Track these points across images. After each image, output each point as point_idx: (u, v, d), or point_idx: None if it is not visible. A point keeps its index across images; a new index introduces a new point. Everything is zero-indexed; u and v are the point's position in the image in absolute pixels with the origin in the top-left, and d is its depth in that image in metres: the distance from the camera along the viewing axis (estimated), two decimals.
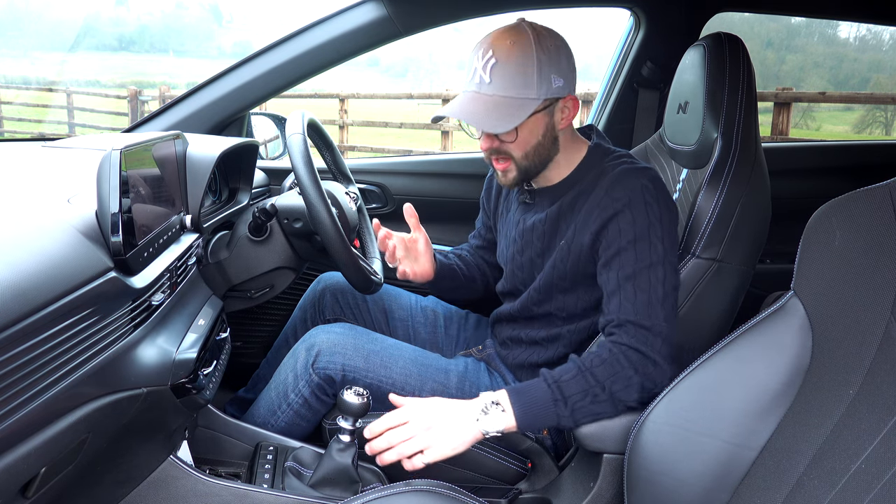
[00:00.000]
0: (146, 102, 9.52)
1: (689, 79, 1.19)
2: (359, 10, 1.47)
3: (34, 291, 0.62)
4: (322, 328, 1.23)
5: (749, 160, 1.12)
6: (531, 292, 1.19)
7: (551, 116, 1.07)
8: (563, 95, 1.06)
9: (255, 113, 1.67)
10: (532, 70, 1.02)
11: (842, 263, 0.75)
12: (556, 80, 1.04)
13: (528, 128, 1.05)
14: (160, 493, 1.00)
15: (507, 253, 1.26)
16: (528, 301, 1.20)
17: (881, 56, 15.73)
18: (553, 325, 1.19)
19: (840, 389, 0.72)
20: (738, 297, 1.14)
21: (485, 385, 1.23)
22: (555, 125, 1.08)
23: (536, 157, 1.09)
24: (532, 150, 1.08)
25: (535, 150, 1.08)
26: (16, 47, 18.71)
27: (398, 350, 1.22)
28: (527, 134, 1.06)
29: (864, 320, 0.72)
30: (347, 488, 1.06)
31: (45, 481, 0.68)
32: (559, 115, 1.08)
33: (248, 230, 1.25)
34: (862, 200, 0.74)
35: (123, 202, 0.77)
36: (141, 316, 0.83)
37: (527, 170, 1.10)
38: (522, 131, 1.05)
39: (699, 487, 0.83)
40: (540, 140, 1.07)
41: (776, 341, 0.79)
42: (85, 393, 0.72)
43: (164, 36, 27.59)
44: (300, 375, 1.18)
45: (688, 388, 0.86)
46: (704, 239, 1.10)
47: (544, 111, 1.06)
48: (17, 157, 1.11)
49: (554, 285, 1.15)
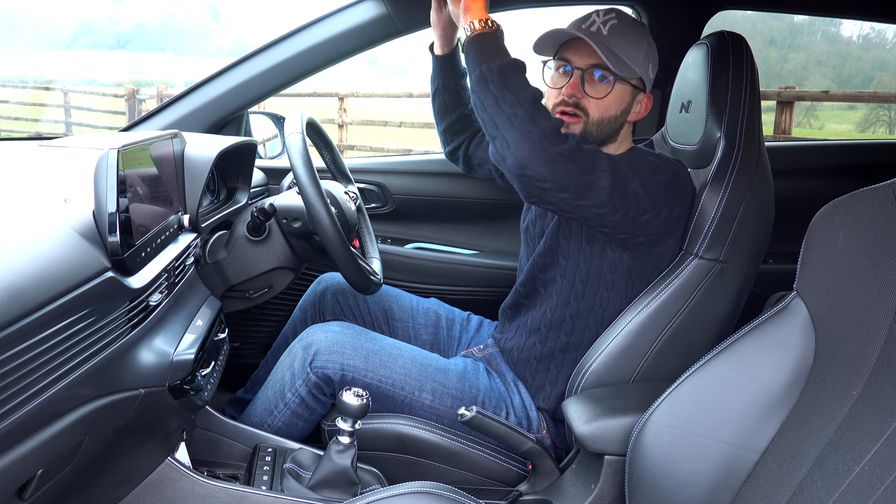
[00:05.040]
0: (144, 101, 9.50)
1: (692, 78, 1.19)
2: (358, 8, 1.47)
3: (31, 292, 0.61)
4: (319, 327, 1.22)
5: (752, 160, 1.11)
6: (535, 258, 1.23)
7: (632, 100, 1.15)
8: (646, 89, 1.16)
9: (254, 112, 1.67)
10: (643, 48, 1.12)
11: (845, 263, 0.74)
12: (652, 71, 1.16)
13: (616, 95, 1.12)
14: (158, 495, 0.99)
15: (524, 225, 1.32)
16: (534, 268, 1.24)
17: (885, 54, 15.75)
18: (555, 307, 1.20)
19: (843, 391, 0.72)
20: (741, 297, 1.13)
21: (484, 385, 1.23)
22: (629, 110, 1.16)
23: (604, 127, 1.14)
24: (607, 118, 1.13)
25: (608, 120, 1.13)
26: (12, 45, 18.68)
27: (397, 349, 1.22)
28: (612, 100, 1.12)
29: (868, 321, 0.71)
30: (346, 490, 1.05)
31: (42, 483, 0.67)
32: (636, 106, 1.16)
33: (247, 230, 1.24)
34: (866, 200, 0.74)
35: (121, 202, 0.77)
36: (138, 316, 0.83)
37: (591, 134, 1.14)
38: (611, 95, 1.12)
39: (701, 489, 0.82)
40: (616, 114, 1.14)
41: (779, 342, 0.79)
42: (82, 394, 0.71)
43: (161, 34, 27.57)
44: (297, 374, 1.18)
45: (690, 390, 0.85)
46: (707, 239, 1.09)
47: (632, 90, 1.14)
48: (14, 156, 1.10)
49: (558, 246, 1.19)
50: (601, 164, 1.03)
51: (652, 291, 1.12)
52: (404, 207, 1.75)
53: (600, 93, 1.11)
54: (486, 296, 1.71)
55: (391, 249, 1.73)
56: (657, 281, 1.13)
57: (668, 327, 1.11)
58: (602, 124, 1.13)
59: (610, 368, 1.12)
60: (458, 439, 1.18)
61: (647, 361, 1.12)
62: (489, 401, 1.21)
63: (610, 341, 1.12)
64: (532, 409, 1.23)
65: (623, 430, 0.98)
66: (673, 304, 1.10)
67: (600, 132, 1.14)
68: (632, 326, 1.11)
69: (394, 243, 1.78)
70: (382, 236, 1.79)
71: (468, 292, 1.73)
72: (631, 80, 1.13)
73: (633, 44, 1.11)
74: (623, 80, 1.12)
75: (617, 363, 1.12)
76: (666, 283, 1.11)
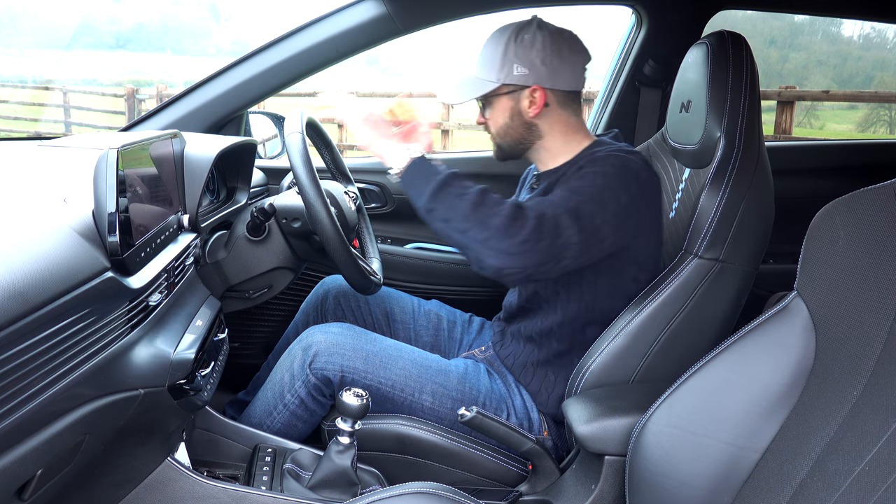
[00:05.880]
0: (143, 101, 9.50)
1: (692, 77, 1.19)
2: (358, 8, 1.46)
3: (30, 292, 0.61)
4: (319, 328, 1.22)
5: (752, 159, 1.11)
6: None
7: (517, 102, 1.18)
8: (527, 85, 1.16)
9: (254, 112, 1.66)
10: (498, 56, 1.16)
11: (846, 263, 0.74)
12: (518, 69, 1.16)
13: (495, 109, 1.21)
14: (157, 496, 0.99)
15: None
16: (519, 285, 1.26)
17: (885, 54, 15.72)
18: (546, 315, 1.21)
19: (844, 391, 0.72)
20: (740, 297, 1.13)
21: (485, 386, 1.22)
22: (522, 111, 1.19)
23: (508, 137, 1.22)
24: (503, 129, 1.22)
25: (505, 130, 1.22)
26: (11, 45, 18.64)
27: (398, 351, 1.22)
28: (494, 114, 1.21)
29: (869, 321, 0.71)
30: (346, 490, 1.05)
31: (41, 483, 0.67)
32: (525, 103, 1.18)
33: (247, 230, 1.24)
34: (866, 200, 0.73)
35: (120, 202, 0.77)
36: (138, 317, 0.83)
37: (502, 147, 1.24)
38: (491, 111, 1.21)
39: (702, 489, 0.82)
40: (508, 122, 1.20)
41: (779, 342, 0.79)
42: (82, 394, 0.71)
43: (161, 34, 27.52)
44: (297, 376, 1.17)
45: (690, 390, 0.85)
46: (707, 239, 1.09)
47: (508, 95, 1.18)
48: (13, 156, 1.10)
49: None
50: (564, 221, 1.02)
51: (651, 291, 1.12)
52: (404, 207, 1.75)
53: (487, 114, 1.22)
54: (485, 296, 1.71)
55: (391, 249, 1.73)
56: (657, 281, 1.13)
57: (668, 327, 1.11)
58: (502, 135, 1.22)
59: (610, 368, 1.12)
60: (458, 440, 1.18)
61: (646, 361, 1.12)
62: (490, 402, 1.21)
63: (609, 341, 1.12)
64: (533, 410, 1.22)
65: (623, 430, 0.98)
66: (672, 303, 1.10)
67: (507, 140, 1.22)
68: (631, 326, 1.11)
69: (394, 243, 1.78)
70: (382, 236, 1.79)
71: (468, 292, 1.73)
72: (499, 90, 1.17)
73: (489, 57, 1.18)
74: (490, 96, 1.19)
75: (617, 363, 1.12)
76: (665, 283, 1.11)
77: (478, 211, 1.00)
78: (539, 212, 1.02)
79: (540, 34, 1.15)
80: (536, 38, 1.15)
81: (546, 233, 1.00)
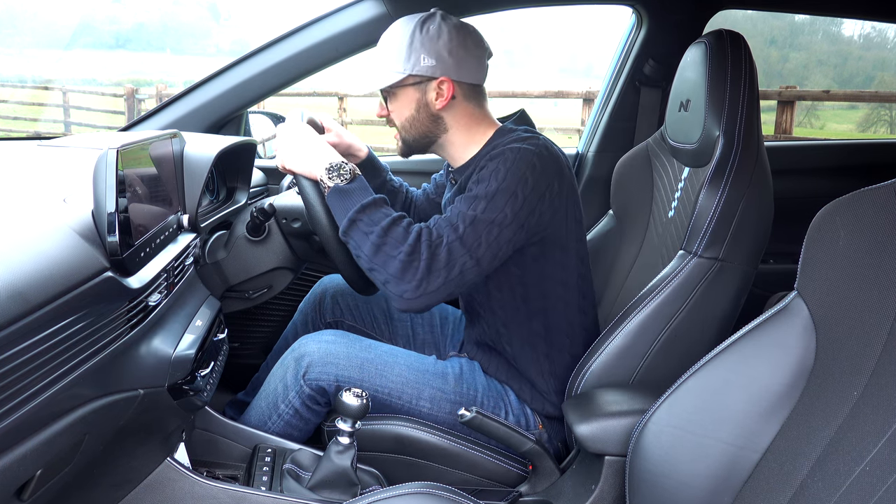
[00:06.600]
0: (143, 101, 9.50)
1: (691, 76, 1.19)
2: (358, 8, 1.46)
3: (30, 292, 0.61)
4: (311, 337, 1.20)
5: (751, 159, 1.11)
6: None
7: (423, 94, 1.15)
8: (434, 76, 1.13)
9: (253, 111, 1.66)
10: (403, 47, 1.13)
11: (846, 263, 0.74)
12: (426, 60, 1.13)
13: (400, 100, 1.17)
14: (157, 496, 0.99)
15: None
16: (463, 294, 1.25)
17: (886, 54, 15.72)
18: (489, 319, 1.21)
19: (844, 391, 0.72)
20: (740, 297, 1.13)
21: (481, 384, 1.22)
22: (429, 103, 1.16)
23: (414, 130, 1.19)
24: (408, 122, 1.18)
25: (411, 123, 1.18)
26: (11, 45, 18.64)
27: (393, 357, 1.21)
28: (399, 106, 1.17)
29: (869, 321, 0.71)
30: (346, 491, 1.05)
31: (41, 483, 0.67)
32: (432, 95, 1.15)
33: (246, 230, 1.24)
34: (867, 200, 0.73)
35: (120, 202, 0.76)
36: (137, 317, 0.83)
37: (407, 141, 1.21)
38: (395, 103, 1.18)
39: (702, 490, 0.82)
40: (414, 114, 1.17)
41: (780, 342, 0.79)
42: (81, 394, 0.71)
43: (161, 33, 27.51)
44: (290, 386, 1.16)
45: (690, 390, 0.85)
46: (706, 238, 1.09)
47: (414, 87, 1.15)
48: (13, 156, 1.10)
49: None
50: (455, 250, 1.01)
51: (651, 291, 1.12)
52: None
53: (392, 106, 1.19)
54: None
55: None
56: (656, 280, 1.13)
57: (668, 327, 1.10)
58: (408, 128, 1.19)
59: (609, 369, 1.12)
60: (457, 440, 1.18)
61: (646, 361, 1.12)
62: (488, 400, 1.21)
63: (609, 341, 1.12)
64: (526, 405, 1.22)
65: (623, 430, 0.98)
66: (672, 303, 1.10)
67: (413, 134, 1.19)
68: (631, 326, 1.11)
69: None
70: None
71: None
72: (405, 81, 1.14)
73: (394, 48, 1.14)
74: (395, 87, 1.15)
75: (616, 363, 1.12)
76: (665, 283, 1.11)
77: (378, 254, 1.00)
78: (433, 245, 1.01)
79: (445, 25, 1.13)
80: (442, 30, 1.12)
81: (439, 268, 1.00)
